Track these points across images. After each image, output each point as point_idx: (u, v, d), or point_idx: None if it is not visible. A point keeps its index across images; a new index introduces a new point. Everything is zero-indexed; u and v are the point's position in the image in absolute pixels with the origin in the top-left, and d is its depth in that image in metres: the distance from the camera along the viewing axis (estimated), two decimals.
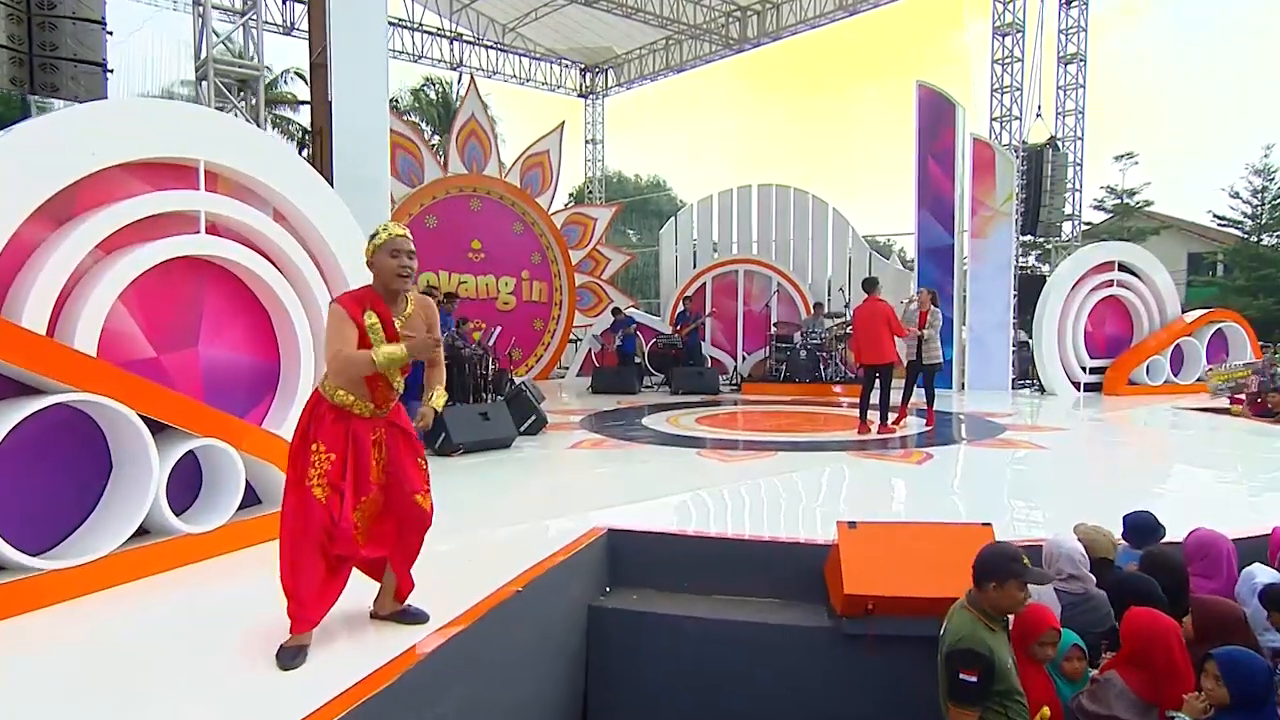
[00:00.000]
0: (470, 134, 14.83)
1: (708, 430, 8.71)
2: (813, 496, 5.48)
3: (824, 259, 15.21)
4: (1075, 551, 3.50)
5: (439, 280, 14.52)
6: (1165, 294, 13.18)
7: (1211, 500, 5.29)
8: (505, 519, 4.88)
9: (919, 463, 6.57)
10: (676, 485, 5.79)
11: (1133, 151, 29.79)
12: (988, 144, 12.90)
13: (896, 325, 8.17)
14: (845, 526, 3.91)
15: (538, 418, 8.43)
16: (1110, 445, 8.06)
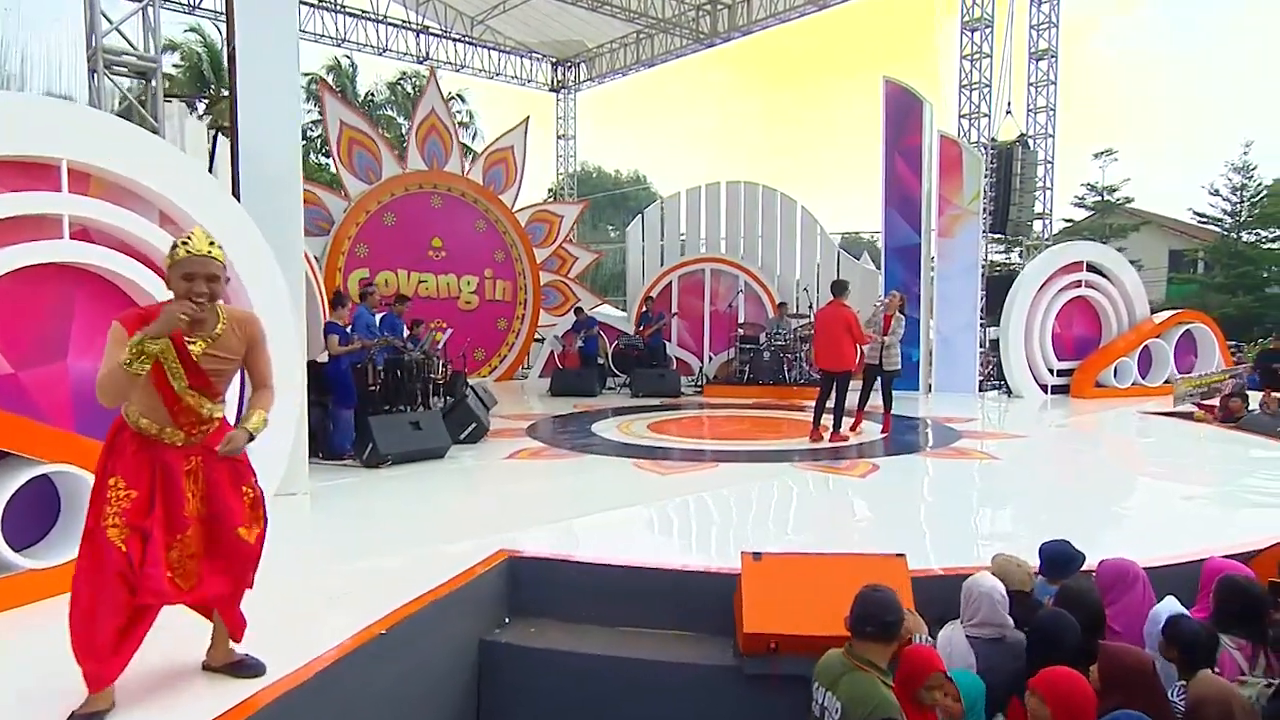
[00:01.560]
0: (431, 129, 14.48)
1: (656, 438, 8.45)
2: (741, 516, 5.23)
3: (792, 258, 14.96)
4: (995, 591, 3.24)
5: (398, 280, 14.21)
6: (1134, 295, 13.02)
7: (1160, 521, 5.07)
8: (404, 542, 4.59)
9: (862, 476, 6.33)
10: (602, 502, 5.52)
11: (1112, 148, 29.77)
12: (954, 141, 12.68)
13: (858, 332, 7.96)
14: (750, 558, 3.65)
15: (478, 426, 8.14)
16: (1066, 456, 7.84)
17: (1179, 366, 12.79)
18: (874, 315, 8.64)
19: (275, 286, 5.05)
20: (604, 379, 14.10)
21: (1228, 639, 3.04)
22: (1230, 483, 6.17)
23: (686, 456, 7.36)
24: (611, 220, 40.36)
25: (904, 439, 8.30)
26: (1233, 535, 4.37)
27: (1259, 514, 5.04)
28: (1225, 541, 4.26)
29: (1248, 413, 9.28)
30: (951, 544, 4.61)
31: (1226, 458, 7.40)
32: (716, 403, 12.05)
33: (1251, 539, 4.26)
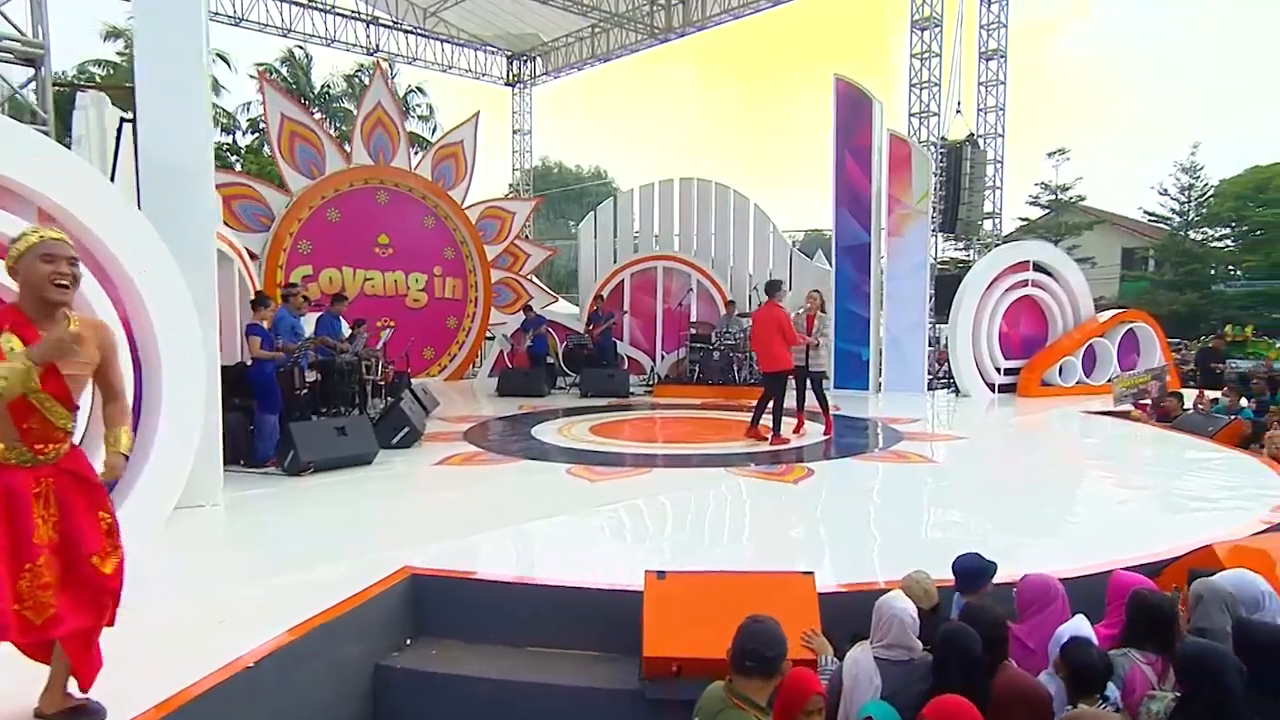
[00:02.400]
0: (377, 123, 14.12)
1: (596, 442, 8.29)
2: (665, 527, 5.09)
3: (745, 256, 14.89)
4: (906, 614, 3.11)
5: (343, 277, 13.86)
6: (1079, 294, 13.15)
7: (1086, 528, 5.03)
8: (306, 558, 4.37)
9: (795, 481, 6.23)
10: (523, 512, 5.34)
11: (1064, 148, 30.27)
12: (904, 140, 12.68)
13: (789, 332, 7.87)
14: (653, 577, 3.51)
15: (411, 430, 7.90)
16: (1002, 459, 7.82)
17: (1122, 365, 12.95)
18: (797, 317, 8.57)
19: (174, 288, 4.78)
20: (554, 379, 13.91)
21: (1138, 655, 2.98)
22: (1157, 487, 6.18)
23: (622, 461, 7.21)
24: (572, 215, 40.02)
25: (845, 441, 8.24)
26: (1155, 543, 4.34)
27: (1181, 520, 5.02)
28: (1145, 550, 4.23)
29: (1183, 412, 9.39)
30: (872, 556, 4.51)
31: (1157, 460, 7.45)
32: (665, 403, 11.93)
33: (1169, 547, 4.23)
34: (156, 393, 4.72)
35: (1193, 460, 7.22)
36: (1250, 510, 5.10)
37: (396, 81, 31.73)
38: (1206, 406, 9.16)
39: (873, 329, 12.69)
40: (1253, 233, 29.86)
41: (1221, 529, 4.66)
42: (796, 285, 14.30)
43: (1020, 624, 3.26)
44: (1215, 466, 6.89)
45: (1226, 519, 4.91)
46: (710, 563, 4.22)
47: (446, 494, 6.05)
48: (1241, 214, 29.86)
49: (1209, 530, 4.60)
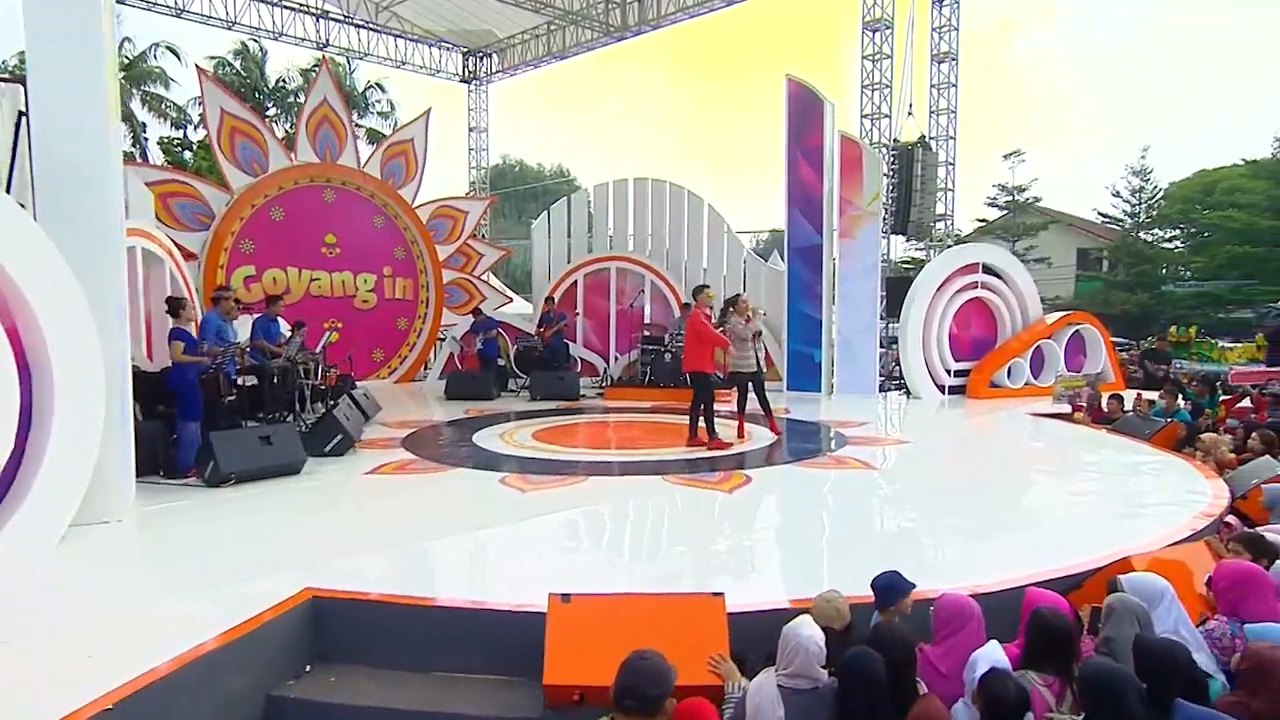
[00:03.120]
0: (323, 120, 13.77)
1: (536, 448, 8.13)
2: (590, 542, 4.95)
3: (699, 257, 14.79)
4: (813, 642, 3.00)
5: (287, 278, 13.50)
6: (1027, 295, 13.27)
7: (1013, 539, 4.98)
8: (201, 580, 4.14)
9: (731, 491, 6.13)
10: (446, 526, 5.17)
11: (1020, 150, 30.67)
12: (855, 141, 12.66)
13: (707, 334, 7.87)
14: (557, 600, 3.36)
15: (344, 438, 7.66)
16: (941, 464, 7.79)
17: (1069, 366, 13.09)
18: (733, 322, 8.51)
19: (66, 292, 4.50)
20: (505, 381, 13.70)
21: (1037, 676, 2.93)
22: (1091, 493, 6.19)
23: (559, 469, 7.05)
24: (534, 214, 39.65)
25: (788, 446, 8.18)
26: (1081, 553, 4.29)
27: (1110, 528, 5.00)
28: (1069, 562, 4.18)
29: (1124, 414, 9.48)
30: (798, 570, 4.41)
31: (1094, 464, 7.46)
32: (615, 406, 11.79)
33: (1094, 557, 4.18)
34: (47, 402, 4.45)
35: (1128, 464, 7.26)
36: (1176, 517, 5.10)
37: (355, 77, 31.29)
38: (1145, 409, 9.25)
39: (825, 331, 12.67)
40: (1200, 234, 30.58)
41: (1150, 535, 4.65)
42: (750, 287, 14.26)
43: (934, 646, 3.17)
44: (1148, 470, 6.93)
45: (1154, 526, 4.89)
46: (631, 579, 4.10)
47: (369, 506, 5.85)
48: (1190, 216, 30.58)
49: (1139, 537, 4.59)
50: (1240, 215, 27.49)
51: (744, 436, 8.47)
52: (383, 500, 6.01)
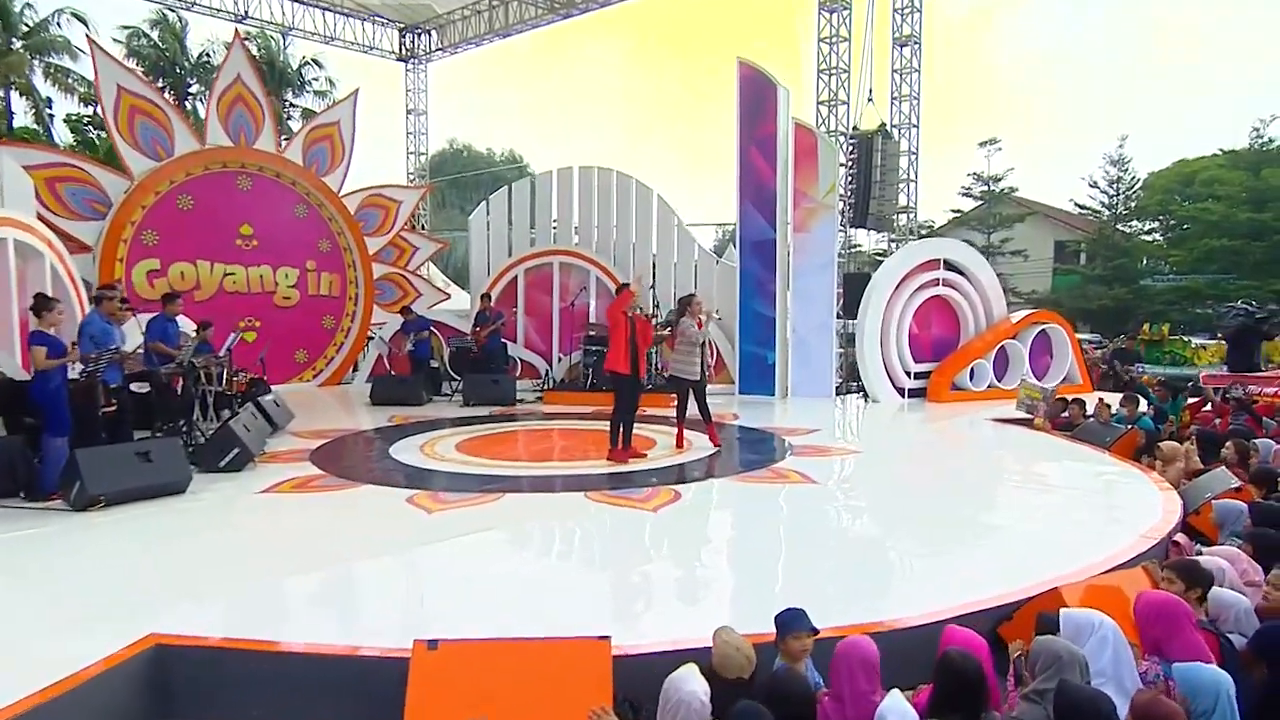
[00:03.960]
0: (236, 100, 13.35)
1: (457, 461, 7.92)
2: (485, 573, 4.76)
3: (647, 252, 14.64)
4: (695, 699, 2.86)
5: (197, 272, 13.08)
6: (991, 294, 13.36)
7: (947, 565, 4.88)
8: (32, 626, 3.87)
9: (656, 509, 5.98)
10: (334, 555, 4.95)
11: (996, 138, 30.91)
12: (809, 130, 12.61)
13: (614, 333, 7.79)
14: (423, 647, 3.17)
15: (241, 451, 7.37)
16: (887, 478, 7.68)
17: (1034, 367, 13.24)
18: (684, 324, 8.40)
19: None
20: (438, 385, 13.43)
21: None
22: (1040, 508, 6.14)
23: (475, 486, 6.86)
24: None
25: (727, 457, 8.09)
26: (1019, 578, 4.22)
27: (1053, 549, 4.92)
28: (1002, 589, 4.10)
29: (1085, 420, 9.54)
30: (711, 603, 4.28)
31: (1048, 476, 7.44)
32: (552, 412, 11.61)
33: (1030, 584, 4.11)
34: None
35: (1082, 476, 7.27)
36: (1121, 536, 5.06)
37: (290, 53, 30.59)
38: (1106, 415, 9.31)
39: (779, 330, 12.60)
40: (1179, 227, 31.17)
41: (1092, 558, 4.59)
42: (702, 285, 14.15)
43: (833, 699, 3.04)
44: (1101, 483, 6.94)
45: (1096, 547, 4.84)
46: (520, 617, 3.92)
47: (250, 532, 5.58)
48: (1169, 208, 31.16)
49: (1077, 561, 4.53)
50: (1218, 207, 28.10)
51: (683, 446, 8.35)
52: (268, 525, 5.75)
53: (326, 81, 31.47)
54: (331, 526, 5.69)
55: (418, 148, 21.72)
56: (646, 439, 9.06)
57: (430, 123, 21.89)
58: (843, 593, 4.34)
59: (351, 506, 6.25)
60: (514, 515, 5.97)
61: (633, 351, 7.84)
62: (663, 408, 11.34)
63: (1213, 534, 5.46)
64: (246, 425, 7.84)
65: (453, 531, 5.42)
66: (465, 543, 5.19)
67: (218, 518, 5.94)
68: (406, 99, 21.63)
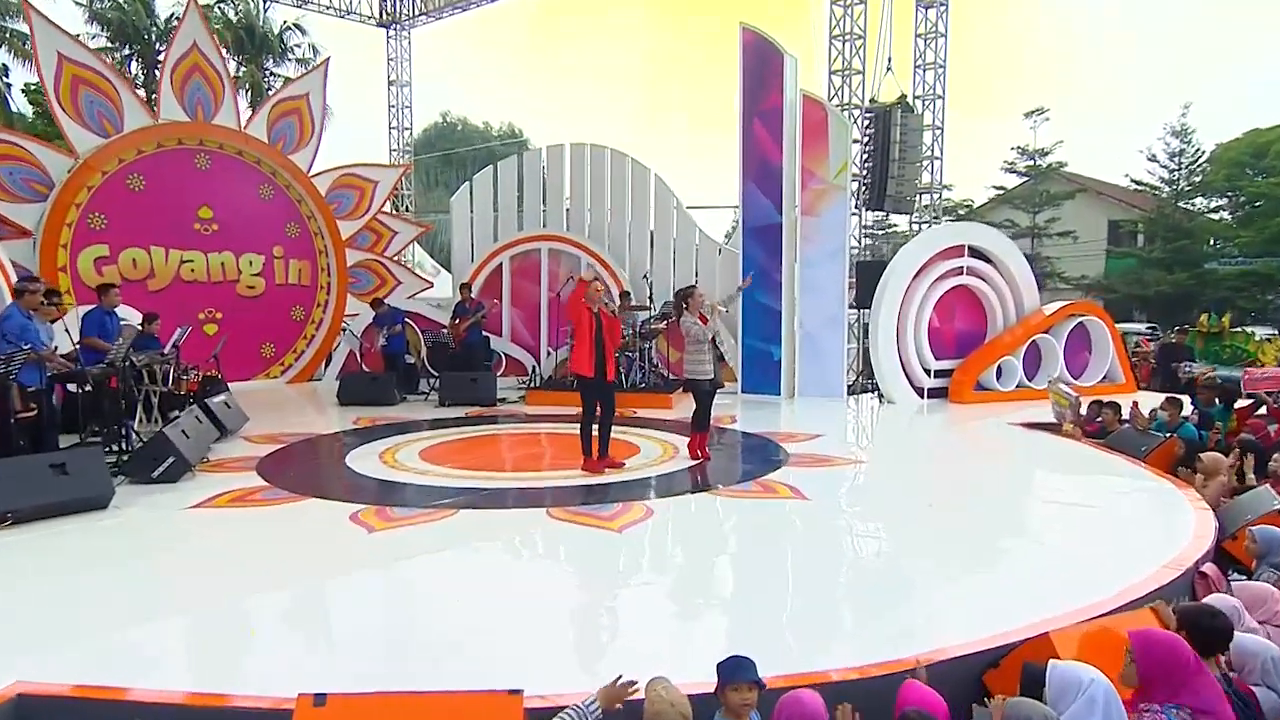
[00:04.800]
0: (192, 69, 13.22)
1: (416, 471, 7.76)
2: (410, 604, 4.59)
3: (643, 236, 14.43)
4: None
5: (151, 260, 12.98)
6: (1022, 283, 13.07)
7: (939, 602, 4.65)
8: None
9: (622, 528, 5.79)
10: (251, 583, 4.78)
11: (1043, 107, 30.19)
12: (819, 103, 12.33)
13: (580, 330, 7.62)
14: (307, 703, 2.99)
15: (177, 461, 7.23)
16: (888, 494, 7.39)
17: (1071, 365, 12.93)
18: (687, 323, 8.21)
19: None
20: (414, 383, 13.31)
21: None
22: (1054, 532, 5.87)
23: (431, 499, 6.70)
24: None
25: (712, 468, 7.91)
26: (1014, 617, 4.00)
27: (1060, 582, 4.68)
28: (996, 630, 3.88)
29: (1120, 426, 9.25)
30: (661, 649, 4.07)
31: (1071, 492, 7.14)
32: (535, 413, 11.44)
33: (1026, 624, 3.88)
34: None
35: (1108, 491, 6.99)
36: (1139, 565, 4.82)
37: (270, 18, 30.47)
38: (1144, 422, 9.03)
39: (785, 324, 12.38)
40: (1249, 205, 30.30)
41: (1104, 591, 4.36)
42: (703, 275, 13.96)
43: None
44: (1129, 501, 6.68)
45: (1110, 577, 4.60)
46: (437, 664, 3.75)
47: (168, 556, 5.42)
48: (1237, 183, 30.25)
49: (1089, 593, 4.30)
50: None
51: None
52: (186, 548, 5.58)
53: (310, 49, 31.37)
54: (256, 550, 5.52)
55: (401, 122, 21.57)
56: (630, 445, 8.91)
57: (420, 94, 21.88)
58: (809, 633, 4.13)
59: (286, 525, 6.11)
60: (463, 535, 5.80)
61: (599, 351, 7.65)
62: (661, 410, 11.18)
63: (1250, 563, 5.21)
64: (186, 431, 7.71)
65: (388, 556, 5.26)
66: (397, 570, 5.03)
67: (132, 539, 5.78)
68: (388, 69, 21.47)
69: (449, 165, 36.22)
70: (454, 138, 39.61)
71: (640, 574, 5.15)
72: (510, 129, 42.85)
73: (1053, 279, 29.75)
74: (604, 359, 7.70)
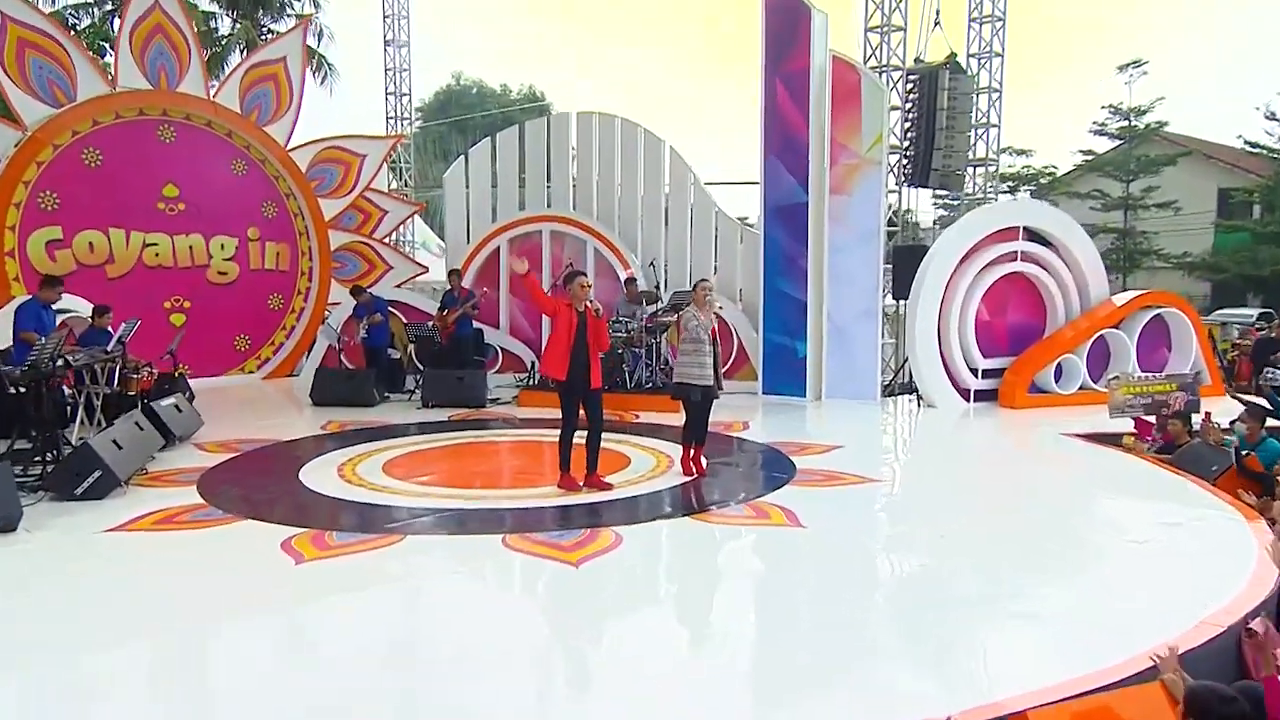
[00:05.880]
0: (155, 31, 13.24)
1: (376, 487, 7.66)
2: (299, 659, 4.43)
3: (657, 217, 14.20)
4: None
5: (109, 243, 13.04)
6: (1088, 270, 12.65)
7: (927, 668, 4.38)
8: None
9: (580, 562, 5.59)
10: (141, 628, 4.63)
11: (1140, 59, 29.04)
12: (851, 65, 11.98)
13: (553, 325, 7.47)
14: None
15: (103, 476, 7.18)
16: (896, 519, 7.10)
17: (1145, 363, 12.46)
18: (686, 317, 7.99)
19: None
20: (399, 380, 13.25)
21: None
22: (1074, 583, 5.49)
23: (378, 521, 6.59)
24: None
25: (704, 485, 7.74)
26: (1007, 684, 3.75)
27: (1074, 648, 4.36)
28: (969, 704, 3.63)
29: (1190, 439, 8.86)
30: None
31: (1115, 528, 6.76)
32: (527, 417, 11.31)
33: (1008, 698, 3.62)
34: None
35: (1161, 523, 6.56)
36: (1171, 618, 4.50)
37: None
38: (1217, 435, 8.62)
39: (812, 317, 12.10)
40: None
41: (1118, 655, 4.07)
42: (723, 259, 13.73)
43: None
44: (1186, 537, 6.24)
45: (1133, 638, 4.30)
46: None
47: (59, 593, 5.27)
48: None
49: (1098, 659, 4.01)
50: None
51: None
52: (78, 581, 5.41)
53: (311, 3, 31.46)
54: (154, 584, 5.38)
55: (398, 87, 21.49)
56: (621, 456, 8.73)
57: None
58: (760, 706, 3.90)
59: (205, 553, 5.99)
60: (401, 568, 5.66)
61: (579, 352, 7.44)
62: (668, 413, 10.96)
63: None
64: (119, 440, 7.66)
65: (303, 594, 5.13)
66: (307, 613, 4.86)
67: (24, 568, 5.69)
68: (384, 26, 21.41)
69: (460, 133, 36.16)
70: (467, 102, 39.56)
71: (581, 621, 4.87)
72: (531, 92, 42.69)
73: (1149, 257, 28.87)
74: (588, 363, 7.49)
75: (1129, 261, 28.98)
